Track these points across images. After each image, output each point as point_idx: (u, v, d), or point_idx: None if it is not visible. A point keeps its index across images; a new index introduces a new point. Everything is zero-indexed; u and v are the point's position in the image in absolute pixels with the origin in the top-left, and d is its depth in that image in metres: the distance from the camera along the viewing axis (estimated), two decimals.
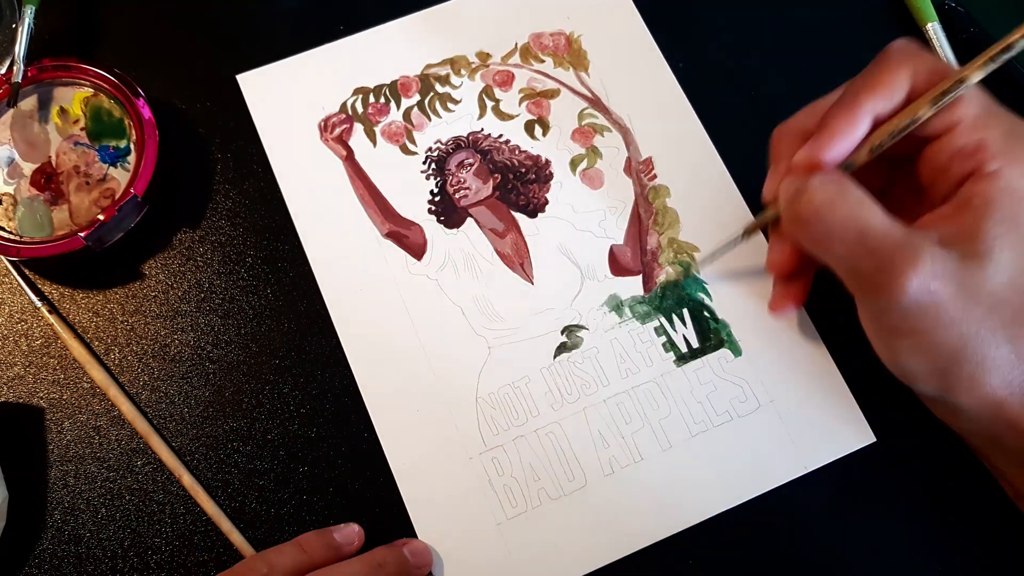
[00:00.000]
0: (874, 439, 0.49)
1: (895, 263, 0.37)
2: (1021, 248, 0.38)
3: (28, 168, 0.50)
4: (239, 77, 0.54)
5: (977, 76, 0.38)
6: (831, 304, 0.50)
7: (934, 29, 0.55)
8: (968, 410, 0.40)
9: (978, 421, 0.41)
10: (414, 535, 0.47)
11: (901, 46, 0.41)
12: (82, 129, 0.51)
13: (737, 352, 0.50)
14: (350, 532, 0.46)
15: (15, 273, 0.50)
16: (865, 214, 0.38)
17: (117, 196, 0.49)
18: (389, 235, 0.52)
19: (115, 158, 0.50)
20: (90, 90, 0.51)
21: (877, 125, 0.41)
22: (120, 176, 0.50)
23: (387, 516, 0.47)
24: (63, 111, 0.51)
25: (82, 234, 0.47)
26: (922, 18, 0.56)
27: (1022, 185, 0.38)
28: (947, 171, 0.40)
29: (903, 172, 0.44)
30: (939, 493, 0.48)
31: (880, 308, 0.40)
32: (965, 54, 0.55)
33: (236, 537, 0.47)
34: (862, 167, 0.42)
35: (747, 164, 0.53)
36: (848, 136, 0.41)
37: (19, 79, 0.50)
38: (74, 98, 0.51)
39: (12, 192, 0.50)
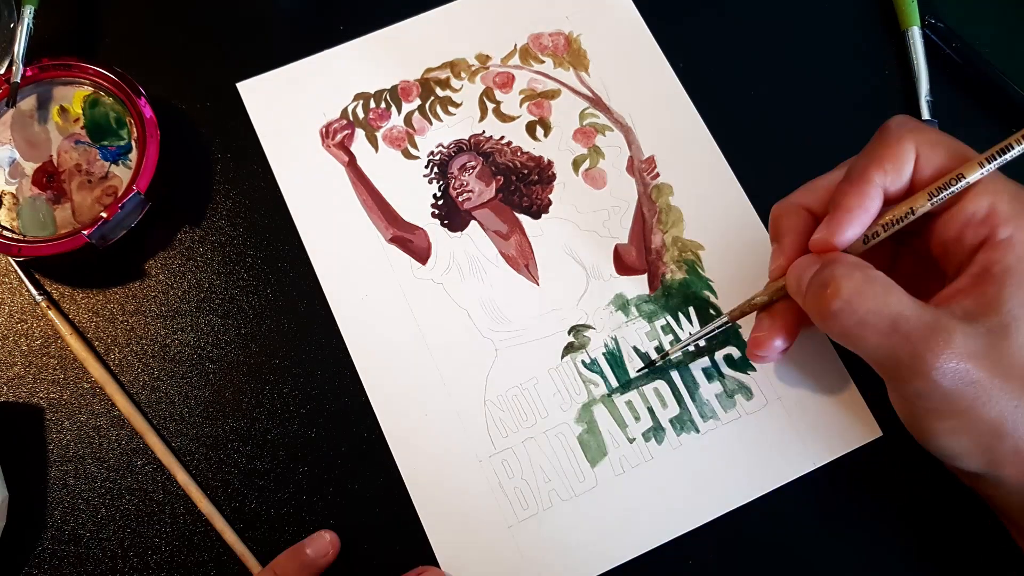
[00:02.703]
0: (880, 434, 0.51)
1: (929, 345, 0.39)
2: None
3: (29, 167, 0.53)
4: (239, 85, 0.57)
5: (975, 175, 0.41)
6: None
7: (913, 33, 0.59)
8: (1013, 483, 0.42)
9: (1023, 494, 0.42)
10: (421, 536, 0.49)
11: (901, 121, 0.44)
12: (83, 128, 0.53)
13: (743, 349, 0.53)
14: (322, 544, 0.48)
15: (18, 269, 0.52)
16: (894, 301, 0.40)
17: (119, 194, 0.52)
18: (393, 240, 0.55)
19: (116, 156, 0.53)
20: (90, 88, 0.54)
21: (888, 201, 0.44)
22: (122, 174, 0.53)
23: (387, 516, 0.50)
24: (63, 110, 0.54)
25: (85, 232, 0.50)
26: (905, 21, 0.60)
27: None
28: (959, 242, 0.42)
29: (909, 247, 0.47)
30: (946, 487, 0.51)
31: (917, 392, 0.41)
32: (947, 67, 0.60)
33: (230, 536, 0.49)
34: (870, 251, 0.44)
35: (749, 161, 0.57)
36: (862, 214, 0.43)
37: (18, 79, 0.52)
38: (74, 97, 0.54)
39: (14, 191, 0.52)
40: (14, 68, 0.52)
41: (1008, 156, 0.41)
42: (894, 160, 0.43)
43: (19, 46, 0.53)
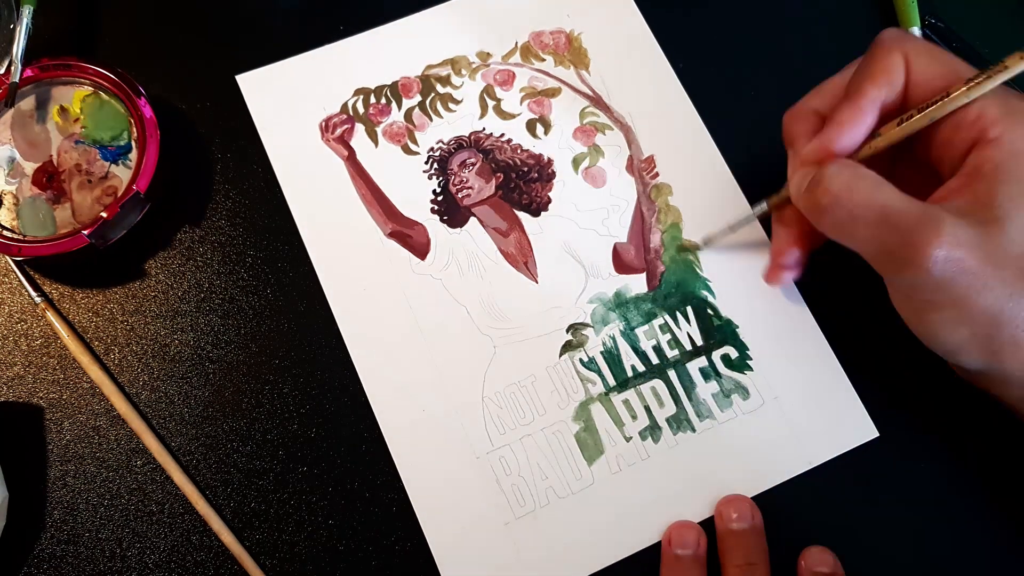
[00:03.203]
0: (877, 434, 0.51)
1: (919, 235, 0.40)
2: None
3: (29, 167, 0.53)
4: (239, 78, 0.57)
5: (961, 99, 0.42)
6: (834, 300, 0.53)
7: (913, 34, 0.58)
8: (1017, 376, 0.42)
9: None
10: (420, 535, 0.49)
11: (892, 35, 0.45)
12: (82, 127, 0.53)
13: (741, 349, 0.53)
14: None
15: (16, 270, 0.52)
16: (883, 194, 0.41)
17: (119, 194, 0.52)
18: (392, 235, 0.54)
19: (116, 156, 0.53)
20: (90, 88, 0.54)
21: (883, 113, 0.44)
22: (122, 174, 0.53)
23: (387, 516, 0.50)
24: (63, 110, 0.53)
25: (85, 232, 0.50)
26: (905, 21, 0.59)
27: None
28: (951, 145, 0.43)
29: (907, 155, 0.47)
30: (942, 487, 0.51)
31: (912, 284, 0.42)
32: None
33: (227, 537, 0.49)
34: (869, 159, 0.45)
35: (749, 162, 0.56)
36: (856, 127, 0.44)
37: (17, 79, 0.52)
38: (74, 97, 0.53)
39: (14, 191, 0.52)
40: (13, 68, 0.52)
41: (993, 83, 0.42)
42: (887, 74, 0.44)
43: (18, 46, 0.52)
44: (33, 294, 0.52)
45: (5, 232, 0.51)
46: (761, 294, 0.54)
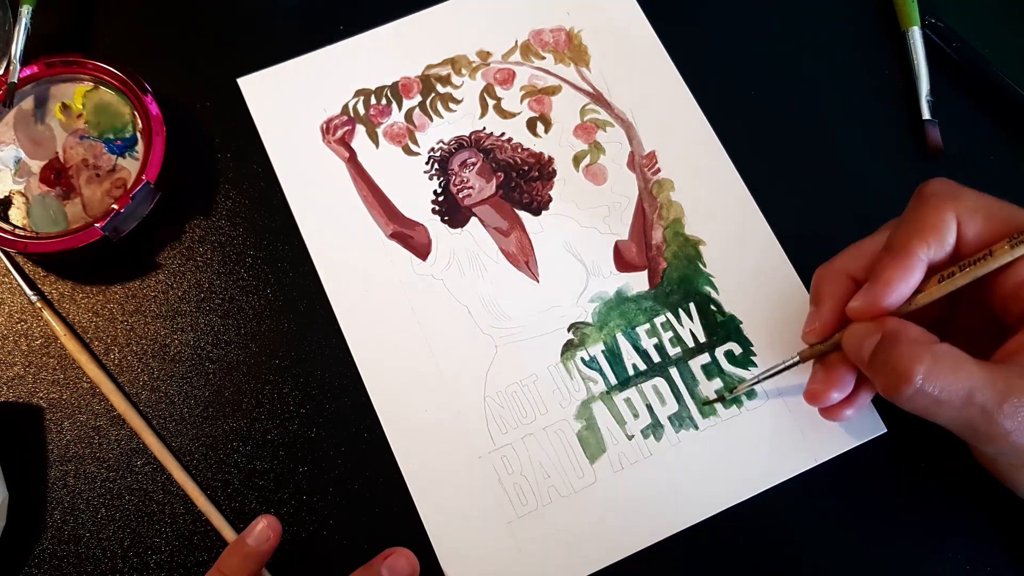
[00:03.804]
0: (885, 430, 0.51)
1: (1003, 411, 0.39)
2: None
3: (36, 166, 0.53)
4: (240, 80, 0.57)
5: (1005, 256, 0.41)
6: None
7: (913, 34, 0.58)
8: None
9: None
10: (423, 535, 0.49)
11: (938, 189, 0.43)
12: (86, 123, 0.53)
13: (745, 345, 0.52)
14: (261, 531, 0.46)
15: (12, 270, 0.52)
16: (966, 374, 0.39)
17: (129, 185, 0.52)
18: (393, 236, 0.54)
19: (123, 149, 0.53)
20: (90, 84, 0.54)
21: (930, 270, 0.43)
22: (130, 166, 0.53)
23: (387, 515, 0.49)
24: (65, 107, 0.53)
25: (98, 224, 0.50)
26: (905, 21, 0.59)
27: None
28: (1016, 299, 0.42)
29: (969, 298, 0.46)
30: (950, 483, 0.50)
31: (997, 452, 0.42)
32: (947, 67, 0.59)
33: (228, 534, 0.48)
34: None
35: (751, 155, 0.56)
36: (903, 285, 0.43)
37: (15, 79, 0.52)
38: (75, 93, 0.53)
39: (22, 190, 0.52)
40: (11, 68, 0.52)
41: None
42: (937, 231, 0.42)
43: (16, 46, 0.52)
44: (29, 293, 0.52)
45: (18, 231, 0.51)
46: (765, 289, 0.53)
